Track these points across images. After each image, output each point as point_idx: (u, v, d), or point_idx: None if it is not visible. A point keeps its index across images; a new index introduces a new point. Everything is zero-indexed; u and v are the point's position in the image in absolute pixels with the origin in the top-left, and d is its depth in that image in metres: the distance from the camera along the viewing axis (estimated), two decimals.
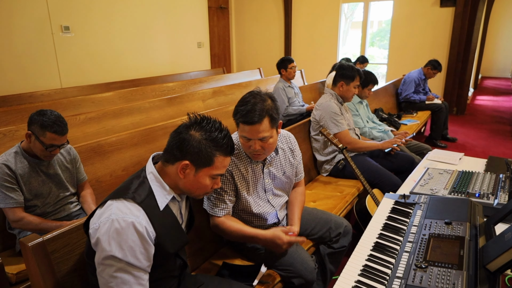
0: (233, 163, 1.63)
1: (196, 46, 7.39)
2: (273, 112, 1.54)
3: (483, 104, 7.83)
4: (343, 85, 2.72)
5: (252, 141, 1.54)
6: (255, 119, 1.48)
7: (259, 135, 1.51)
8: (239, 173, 1.64)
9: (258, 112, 1.49)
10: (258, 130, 1.51)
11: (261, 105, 1.51)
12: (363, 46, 7.21)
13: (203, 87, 5.55)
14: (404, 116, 4.65)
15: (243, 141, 1.57)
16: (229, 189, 1.63)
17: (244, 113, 1.50)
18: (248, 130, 1.52)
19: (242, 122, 1.52)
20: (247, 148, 1.58)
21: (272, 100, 1.57)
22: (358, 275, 1.16)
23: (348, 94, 2.75)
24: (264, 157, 1.64)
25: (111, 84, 5.23)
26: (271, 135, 1.55)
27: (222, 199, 1.62)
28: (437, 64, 4.91)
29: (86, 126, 3.20)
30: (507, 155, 4.42)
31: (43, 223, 1.84)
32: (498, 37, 11.75)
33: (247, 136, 1.54)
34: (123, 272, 1.04)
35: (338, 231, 1.84)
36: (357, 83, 2.73)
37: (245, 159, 1.65)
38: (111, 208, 1.07)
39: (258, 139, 1.53)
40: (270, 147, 1.58)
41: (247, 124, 1.50)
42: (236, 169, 1.63)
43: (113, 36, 5.65)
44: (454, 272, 1.07)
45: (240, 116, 1.51)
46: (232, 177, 1.62)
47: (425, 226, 1.35)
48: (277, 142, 1.66)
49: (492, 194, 1.68)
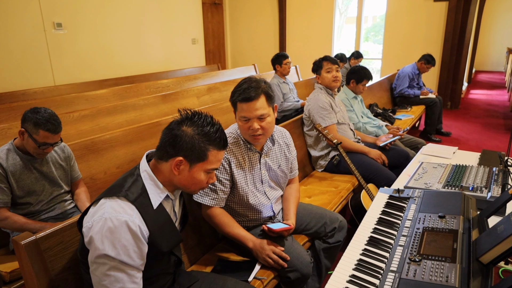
0: (231, 151, 1.65)
1: (190, 42, 7.35)
2: (269, 90, 1.61)
3: (477, 98, 7.88)
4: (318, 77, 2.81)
5: (251, 121, 1.58)
6: (252, 94, 1.55)
7: (257, 112, 1.56)
8: (236, 161, 1.66)
9: (254, 89, 1.56)
10: (256, 107, 1.56)
11: (257, 84, 1.59)
12: (357, 41, 7.21)
13: (198, 83, 5.53)
14: (399, 111, 4.67)
15: (242, 123, 1.61)
16: (224, 178, 1.64)
17: (241, 91, 1.57)
18: (246, 108, 1.57)
19: (240, 100, 1.58)
20: (247, 129, 1.61)
21: (266, 83, 1.64)
22: (353, 270, 1.16)
23: (326, 81, 2.78)
24: (264, 139, 1.67)
25: (105, 82, 5.20)
26: (269, 113, 1.61)
27: (214, 189, 1.63)
28: (431, 58, 4.93)
29: (79, 123, 3.18)
30: (501, 148, 4.45)
31: (28, 223, 1.82)
32: (491, 31, 11.80)
33: (245, 115, 1.58)
34: (116, 271, 1.04)
35: (333, 226, 1.85)
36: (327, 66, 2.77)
37: (243, 147, 1.68)
38: (104, 206, 1.07)
39: (257, 117, 1.57)
40: (268, 126, 1.62)
41: (245, 101, 1.56)
42: (234, 157, 1.65)
43: (107, 33, 5.60)
44: (448, 265, 1.08)
45: (238, 95, 1.58)
46: (229, 165, 1.64)
47: (419, 220, 1.36)
48: (274, 124, 1.71)
49: (486, 187, 1.69)
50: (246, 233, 1.64)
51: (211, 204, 1.63)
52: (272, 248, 1.57)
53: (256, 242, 1.60)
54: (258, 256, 1.59)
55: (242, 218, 1.74)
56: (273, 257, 1.56)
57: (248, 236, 1.62)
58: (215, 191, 1.63)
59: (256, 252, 1.59)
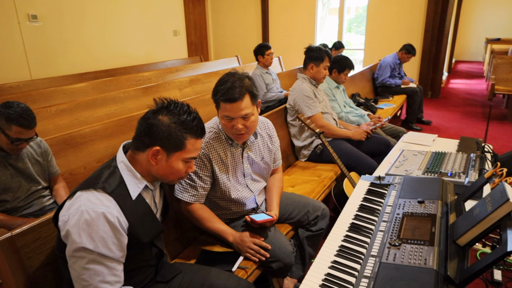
0: (212, 147, 1.61)
1: (172, 34, 7.24)
2: (253, 89, 1.55)
3: (456, 87, 8.03)
4: (313, 67, 2.74)
5: (234, 120, 1.54)
6: (236, 95, 1.49)
7: (241, 112, 1.51)
8: (217, 157, 1.62)
9: (239, 89, 1.49)
10: (240, 107, 1.50)
11: (240, 82, 1.51)
12: (340, 32, 7.23)
13: (180, 75, 5.46)
14: (381, 101, 4.72)
15: (225, 121, 1.56)
16: (204, 175, 1.61)
17: (225, 91, 1.50)
18: (230, 109, 1.51)
19: (223, 101, 1.52)
20: (230, 128, 1.57)
21: (250, 79, 1.57)
22: (334, 256, 1.18)
23: (319, 76, 2.76)
24: (247, 137, 1.63)
25: (84, 75, 5.08)
26: (253, 112, 1.56)
27: (194, 185, 1.60)
28: (411, 48, 4.98)
29: (57, 118, 3.09)
30: (479, 135, 4.56)
31: (7, 220, 1.77)
32: (470, 22, 12.02)
33: (229, 115, 1.53)
34: (95, 264, 1.02)
35: (315, 214, 1.86)
36: (327, 64, 2.74)
37: (225, 143, 1.64)
38: (80, 199, 1.04)
39: (241, 117, 1.52)
40: (252, 125, 1.58)
41: (229, 101, 1.50)
42: (215, 153, 1.62)
43: (85, 25, 5.45)
44: (426, 248, 1.10)
45: (221, 95, 1.51)
46: (210, 161, 1.61)
47: (399, 206, 1.38)
48: (258, 121, 1.67)
49: (463, 173, 1.73)
50: (226, 227, 1.62)
51: (191, 201, 1.61)
52: (252, 240, 1.56)
53: (235, 235, 1.59)
54: (239, 249, 1.59)
55: (226, 211, 1.73)
56: (254, 247, 1.55)
57: (228, 230, 1.61)
58: (195, 187, 1.60)
59: (237, 246, 1.58)
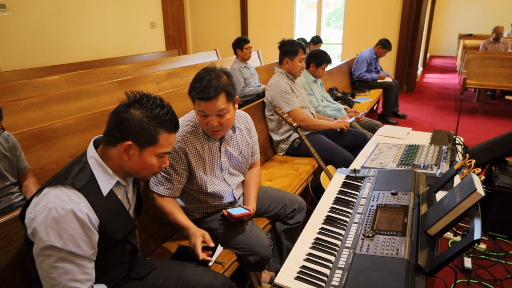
0: (189, 141, 1.59)
1: (149, 26, 7.08)
2: (229, 88, 1.51)
3: (431, 81, 8.24)
4: (288, 62, 2.74)
5: (209, 117, 1.51)
6: (211, 94, 1.45)
7: (216, 110, 1.49)
8: (194, 151, 1.60)
9: (214, 88, 1.46)
10: (215, 105, 1.48)
11: (217, 81, 1.48)
12: (318, 27, 7.27)
13: (157, 69, 5.36)
14: (358, 95, 4.79)
15: (200, 117, 1.54)
16: (181, 169, 1.59)
17: (200, 89, 1.46)
18: (204, 106, 1.49)
19: (198, 99, 1.49)
20: (205, 124, 1.54)
21: (228, 76, 1.54)
22: (310, 248, 1.18)
23: (296, 69, 2.76)
24: (222, 134, 1.61)
25: (56, 67, 4.90)
26: (228, 109, 1.53)
27: (169, 178, 1.58)
28: (387, 43, 5.07)
29: (28, 112, 2.98)
30: (451, 128, 4.69)
31: None
32: (444, 18, 12.33)
33: (203, 110, 1.50)
34: (64, 262, 0.99)
35: (292, 208, 1.87)
36: (302, 56, 2.73)
37: (202, 137, 1.61)
38: (48, 196, 1.00)
39: (216, 114, 1.50)
40: (228, 122, 1.55)
41: (204, 100, 1.47)
42: (192, 146, 1.59)
43: (57, 15, 5.26)
44: (398, 238, 1.12)
45: (196, 93, 1.48)
46: (186, 155, 1.58)
47: (373, 198, 1.41)
48: (234, 118, 1.64)
49: (435, 164, 1.78)
50: (190, 223, 1.54)
51: (165, 194, 1.58)
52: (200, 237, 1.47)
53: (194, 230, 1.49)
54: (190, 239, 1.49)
55: (203, 204, 1.71)
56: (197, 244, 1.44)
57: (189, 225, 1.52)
58: (170, 180, 1.58)
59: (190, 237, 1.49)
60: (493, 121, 5.15)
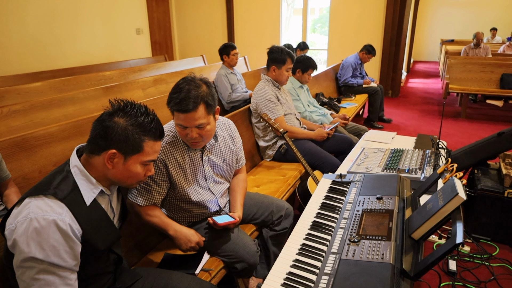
0: (169, 152, 1.56)
1: (134, 32, 7.04)
2: (209, 99, 1.48)
3: (415, 86, 8.40)
4: (275, 70, 2.74)
5: (188, 129, 1.49)
6: (190, 106, 1.42)
7: (195, 123, 1.46)
8: (174, 162, 1.57)
9: (193, 100, 1.43)
10: (194, 118, 1.45)
11: (196, 91, 1.45)
12: (304, 33, 7.34)
13: (143, 75, 5.32)
14: (344, 100, 4.84)
15: (180, 129, 1.51)
16: (160, 180, 1.56)
17: (178, 101, 1.43)
18: (183, 118, 1.46)
19: (176, 110, 1.46)
20: (184, 136, 1.52)
21: (208, 86, 1.51)
22: (296, 254, 1.19)
23: (281, 78, 2.76)
24: (202, 144, 1.59)
25: (40, 74, 4.83)
26: (208, 121, 1.50)
27: (149, 189, 1.56)
28: (371, 48, 5.15)
29: (10, 119, 2.92)
30: (435, 132, 4.78)
31: None
32: (426, 24, 12.63)
33: (182, 124, 1.48)
34: (46, 274, 0.97)
35: (279, 214, 1.87)
36: (289, 66, 2.73)
37: (182, 147, 1.59)
38: (29, 206, 0.98)
39: (195, 126, 1.48)
40: (208, 134, 1.53)
41: (182, 112, 1.44)
42: (172, 157, 1.57)
43: (40, 21, 5.18)
44: (383, 243, 1.13)
45: (174, 104, 1.44)
46: (166, 167, 1.56)
47: (359, 203, 1.42)
48: (215, 128, 1.62)
49: (420, 168, 1.81)
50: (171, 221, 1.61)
51: (144, 205, 1.56)
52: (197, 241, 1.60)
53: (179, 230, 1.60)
54: (179, 244, 1.59)
55: (187, 213, 1.70)
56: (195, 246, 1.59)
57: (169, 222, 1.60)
58: (150, 191, 1.56)
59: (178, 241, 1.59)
60: (475, 125, 5.27)
